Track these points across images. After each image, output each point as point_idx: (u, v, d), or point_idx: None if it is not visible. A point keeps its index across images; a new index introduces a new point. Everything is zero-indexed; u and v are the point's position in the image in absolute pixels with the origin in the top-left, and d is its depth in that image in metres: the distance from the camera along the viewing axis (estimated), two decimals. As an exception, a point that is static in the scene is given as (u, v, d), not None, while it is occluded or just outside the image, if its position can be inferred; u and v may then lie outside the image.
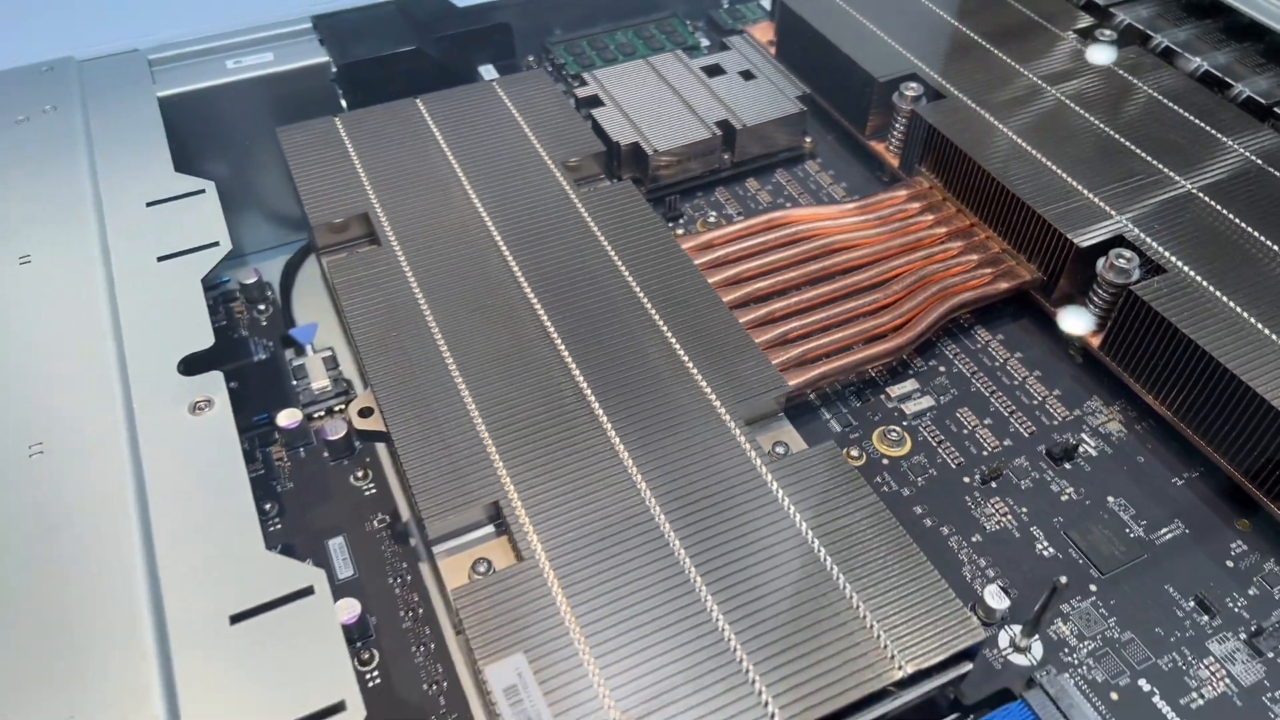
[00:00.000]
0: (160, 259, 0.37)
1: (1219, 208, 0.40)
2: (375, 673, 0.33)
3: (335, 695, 0.25)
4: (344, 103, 0.48)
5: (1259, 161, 0.42)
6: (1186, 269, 0.38)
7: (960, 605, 0.28)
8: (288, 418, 0.39)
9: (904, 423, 0.38)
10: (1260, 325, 0.36)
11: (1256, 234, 0.39)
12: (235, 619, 0.27)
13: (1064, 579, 0.29)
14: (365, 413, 0.35)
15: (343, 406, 0.42)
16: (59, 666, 0.26)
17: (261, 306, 0.46)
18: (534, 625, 0.28)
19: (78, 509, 0.29)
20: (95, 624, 0.27)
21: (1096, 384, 0.40)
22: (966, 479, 0.37)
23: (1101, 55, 0.49)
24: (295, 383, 0.42)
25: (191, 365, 0.34)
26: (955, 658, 0.28)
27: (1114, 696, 0.31)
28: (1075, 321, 0.40)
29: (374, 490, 0.39)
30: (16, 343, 0.34)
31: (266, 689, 0.25)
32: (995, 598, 0.32)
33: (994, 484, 0.36)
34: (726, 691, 0.26)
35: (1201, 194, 0.41)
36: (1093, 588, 0.33)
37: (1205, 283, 0.37)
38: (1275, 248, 0.38)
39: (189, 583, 0.27)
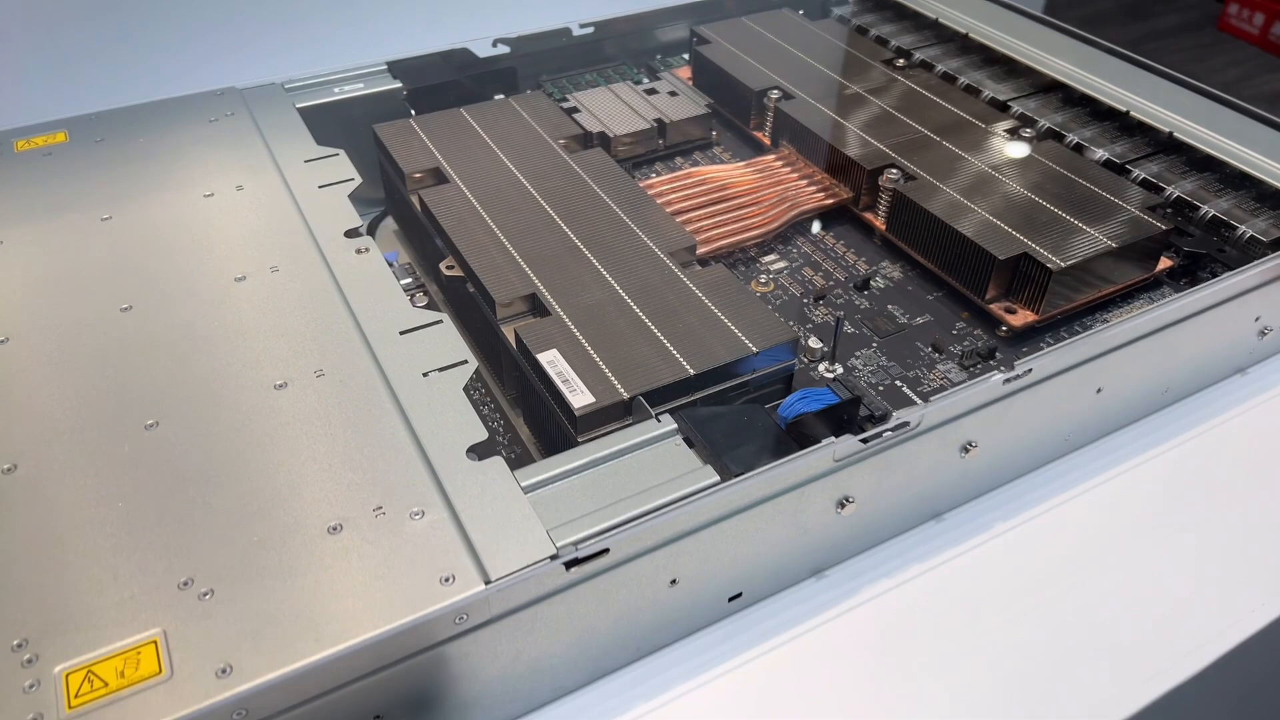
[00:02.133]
0: (320, 187, 0.62)
1: (944, 143, 0.67)
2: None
3: (459, 357, 0.49)
4: (412, 112, 0.74)
5: (973, 120, 0.70)
6: (927, 175, 0.64)
7: (784, 322, 0.53)
8: (389, 293, 0.63)
9: (770, 275, 0.63)
10: (966, 200, 0.62)
11: (956, 149, 0.66)
12: (402, 332, 0.50)
13: (841, 315, 0.54)
14: (450, 267, 0.59)
15: (424, 293, 0.66)
16: (317, 379, 0.49)
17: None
18: (559, 337, 0.51)
19: (308, 297, 0.53)
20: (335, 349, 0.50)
21: (888, 252, 0.65)
22: (805, 300, 0.62)
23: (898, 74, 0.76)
24: (388, 281, 0.67)
25: (350, 234, 0.58)
26: (783, 353, 0.52)
27: (881, 388, 0.55)
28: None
29: (445, 335, 0.63)
30: (241, 224, 0.58)
31: (424, 358, 0.49)
32: (813, 342, 0.57)
33: (820, 302, 0.61)
34: (657, 355, 0.50)
35: (935, 136, 0.68)
36: (874, 345, 0.58)
37: (935, 180, 0.63)
38: (962, 154, 0.65)
39: (377, 315, 0.51)
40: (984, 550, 0.53)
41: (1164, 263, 0.62)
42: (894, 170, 0.65)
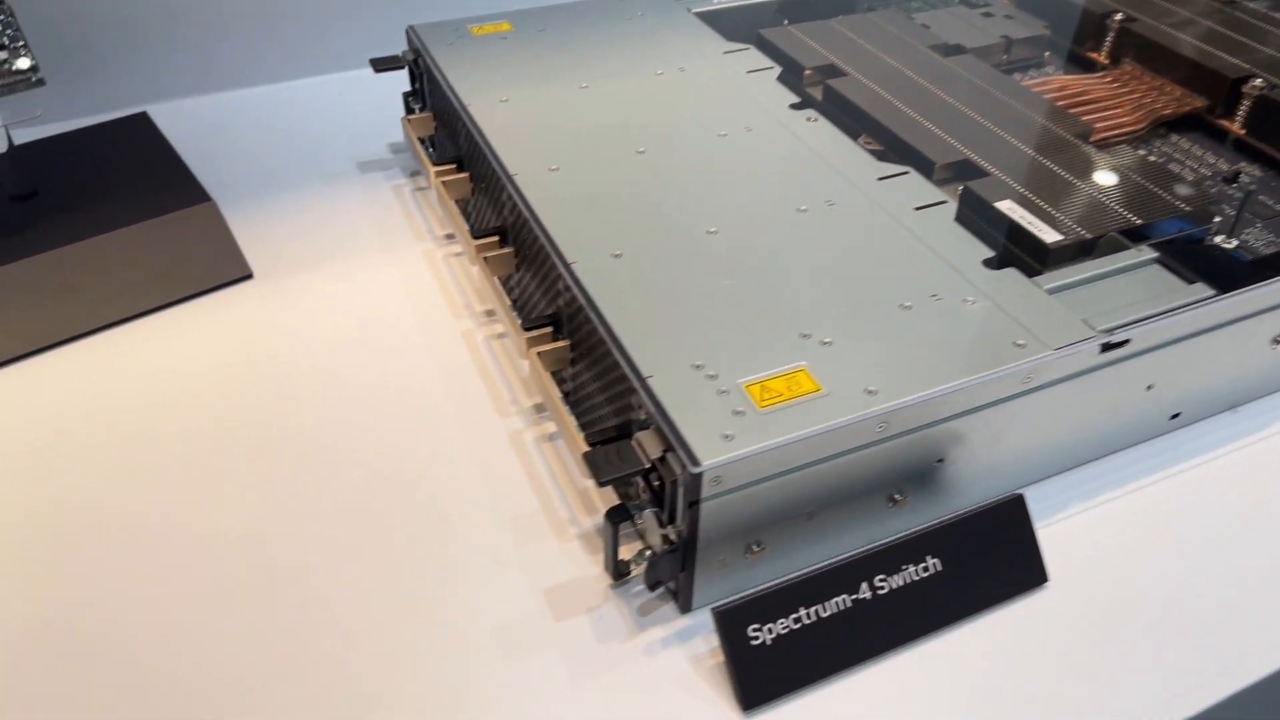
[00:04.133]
0: (748, 72, 0.70)
1: (1306, 66, 0.73)
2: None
3: (939, 198, 0.57)
4: (785, 21, 0.82)
5: (1326, 49, 0.75)
6: (1293, 85, 0.70)
7: (1207, 192, 0.60)
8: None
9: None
10: (1336, 107, 0.68)
11: (1329, 76, 0.72)
12: (879, 179, 0.58)
13: (1253, 188, 0.61)
14: (868, 142, 0.68)
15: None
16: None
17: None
18: (1007, 192, 0.59)
19: (784, 152, 0.61)
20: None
21: (1242, 154, 0.72)
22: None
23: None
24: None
25: (794, 108, 0.66)
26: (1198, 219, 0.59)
27: (1276, 258, 0.62)
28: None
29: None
30: (697, 96, 0.67)
31: (908, 198, 0.57)
32: (1211, 216, 0.64)
33: (1229, 183, 0.68)
34: (1096, 208, 0.57)
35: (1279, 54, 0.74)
36: (1257, 225, 0.65)
37: (1304, 90, 0.70)
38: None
39: (852, 166, 0.59)
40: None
41: None
42: (1259, 80, 0.71)
